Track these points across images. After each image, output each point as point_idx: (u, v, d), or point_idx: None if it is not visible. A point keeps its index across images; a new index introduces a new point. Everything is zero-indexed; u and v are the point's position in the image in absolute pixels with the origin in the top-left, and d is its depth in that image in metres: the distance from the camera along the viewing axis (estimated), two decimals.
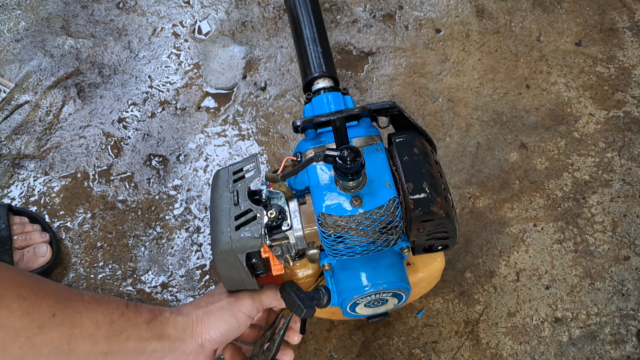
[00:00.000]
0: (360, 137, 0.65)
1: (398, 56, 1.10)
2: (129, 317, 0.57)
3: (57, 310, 0.53)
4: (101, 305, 0.56)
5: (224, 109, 1.05)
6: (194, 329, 0.62)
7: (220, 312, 0.63)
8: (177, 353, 0.61)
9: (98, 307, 0.56)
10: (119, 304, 0.58)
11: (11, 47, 1.11)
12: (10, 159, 1.00)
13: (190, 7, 1.17)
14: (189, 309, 0.64)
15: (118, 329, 0.56)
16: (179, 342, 0.61)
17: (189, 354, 0.61)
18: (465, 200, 0.95)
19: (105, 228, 0.94)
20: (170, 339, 0.60)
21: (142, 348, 0.58)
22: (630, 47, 1.09)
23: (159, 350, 0.59)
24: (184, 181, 0.98)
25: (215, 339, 0.62)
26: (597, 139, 1.00)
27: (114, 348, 0.56)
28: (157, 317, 0.60)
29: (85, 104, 1.06)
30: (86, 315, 0.55)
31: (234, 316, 0.63)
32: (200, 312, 0.63)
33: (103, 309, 0.56)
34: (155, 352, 0.59)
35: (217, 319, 0.63)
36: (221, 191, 0.62)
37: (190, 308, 0.64)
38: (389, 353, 0.83)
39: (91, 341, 0.54)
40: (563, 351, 0.83)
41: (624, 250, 0.90)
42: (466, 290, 0.88)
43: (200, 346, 0.62)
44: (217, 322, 0.62)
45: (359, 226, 0.58)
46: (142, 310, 0.59)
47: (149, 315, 0.60)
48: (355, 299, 0.63)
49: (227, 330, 0.63)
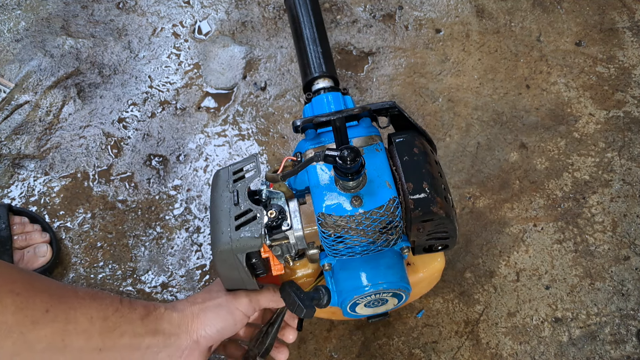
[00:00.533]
0: (360, 137, 0.65)
1: (398, 56, 1.10)
2: (123, 313, 0.57)
3: (51, 306, 0.52)
4: (95, 301, 0.56)
5: (224, 109, 1.05)
6: (189, 325, 0.61)
7: (216, 309, 0.63)
8: (172, 348, 0.60)
9: (92, 303, 0.56)
10: (113, 299, 0.58)
11: (11, 47, 1.11)
12: (10, 159, 1.00)
13: (190, 7, 1.17)
14: (185, 305, 0.63)
15: (112, 324, 0.56)
16: (174, 337, 0.60)
17: (183, 350, 0.61)
18: (465, 200, 0.95)
19: (105, 228, 0.94)
20: (164, 334, 0.60)
21: (136, 344, 0.58)
22: (630, 47, 1.09)
23: (153, 345, 0.59)
24: (184, 181, 0.98)
25: (211, 335, 0.62)
26: (597, 139, 1.00)
27: (108, 344, 0.56)
28: (152, 313, 0.60)
29: (85, 104, 1.06)
30: (80, 311, 0.54)
31: (231, 314, 0.63)
32: (196, 308, 0.63)
33: (97, 305, 0.56)
34: (149, 347, 0.59)
35: (213, 316, 0.62)
36: (221, 191, 0.62)
37: (186, 304, 0.63)
38: (389, 353, 0.83)
39: (85, 337, 0.54)
40: (563, 351, 0.83)
41: (624, 250, 0.90)
42: (466, 290, 0.88)
43: (196, 342, 0.61)
44: (213, 318, 0.62)
45: (359, 226, 0.58)
46: (136, 306, 0.59)
47: (144, 310, 0.59)
48: (355, 299, 0.63)
49: (223, 327, 0.62)
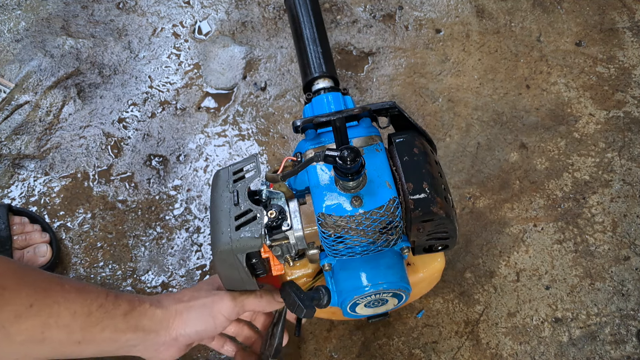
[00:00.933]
0: (360, 137, 0.65)
1: (398, 56, 1.10)
2: (107, 309, 0.58)
3: (36, 300, 0.53)
4: (81, 296, 0.57)
5: (224, 109, 1.05)
6: (170, 322, 0.63)
7: (199, 310, 0.64)
8: (149, 343, 0.62)
9: (77, 298, 0.56)
10: (99, 294, 0.58)
11: (11, 47, 1.11)
12: (10, 159, 1.00)
13: (190, 7, 1.17)
14: (170, 301, 0.64)
15: (95, 320, 0.57)
16: (154, 334, 0.62)
17: (160, 345, 0.63)
18: (465, 200, 0.95)
19: (105, 228, 0.94)
20: (145, 330, 0.61)
21: (115, 338, 0.59)
22: (630, 47, 1.09)
23: (131, 340, 0.60)
24: (184, 181, 0.98)
25: (190, 335, 0.63)
26: (597, 139, 1.00)
27: (87, 337, 0.57)
28: (136, 309, 0.61)
29: (85, 104, 1.06)
30: (64, 306, 0.55)
31: (212, 316, 0.64)
32: (181, 306, 0.64)
33: (82, 300, 0.56)
34: (128, 341, 0.60)
35: (195, 316, 0.63)
36: (221, 191, 0.62)
37: (172, 301, 0.64)
38: (389, 353, 0.83)
39: (66, 331, 0.55)
40: (563, 351, 0.83)
41: (624, 250, 0.90)
42: (466, 290, 0.88)
43: (174, 339, 0.63)
44: (194, 319, 0.63)
45: (359, 226, 0.58)
46: (121, 301, 0.60)
47: (128, 306, 0.60)
48: (356, 299, 0.63)
49: (203, 329, 0.64)
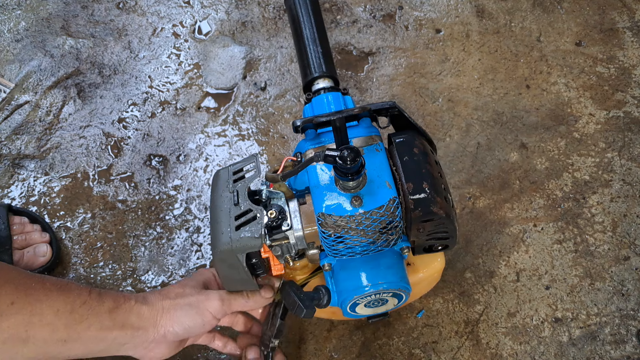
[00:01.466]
0: (360, 137, 0.65)
1: (398, 56, 1.10)
2: (91, 306, 0.58)
3: (17, 298, 0.53)
4: (63, 294, 0.56)
5: (224, 109, 1.05)
6: (157, 319, 0.62)
7: (187, 308, 0.63)
8: (138, 340, 0.61)
9: (59, 296, 0.56)
10: (81, 291, 0.58)
11: (11, 47, 1.11)
12: (10, 159, 1.00)
13: (190, 7, 1.17)
14: (156, 298, 0.64)
15: (79, 317, 0.56)
16: (142, 331, 0.61)
17: (149, 342, 0.62)
18: (465, 200, 0.95)
19: (105, 228, 0.94)
20: (132, 328, 0.60)
21: (102, 336, 0.58)
22: (630, 47, 1.09)
23: (120, 338, 0.60)
24: (184, 181, 0.98)
25: (178, 332, 0.63)
26: (597, 139, 1.00)
27: (73, 336, 0.56)
28: (121, 306, 0.60)
29: (85, 104, 1.06)
30: (47, 304, 0.55)
31: (200, 315, 0.63)
32: (167, 303, 0.63)
33: (64, 297, 0.56)
34: (116, 339, 0.60)
35: (183, 314, 0.63)
36: (221, 191, 0.62)
37: (158, 297, 0.64)
38: (389, 353, 0.83)
39: (50, 329, 0.55)
40: (563, 351, 0.83)
41: (624, 250, 0.90)
42: (466, 290, 0.88)
43: (163, 336, 0.62)
44: (182, 317, 0.63)
45: (359, 226, 0.58)
46: (105, 298, 0.60)
47: (113, 303, 0.60)
48: (356, 299, 0.63)
49: (191, 327, 0.63)
